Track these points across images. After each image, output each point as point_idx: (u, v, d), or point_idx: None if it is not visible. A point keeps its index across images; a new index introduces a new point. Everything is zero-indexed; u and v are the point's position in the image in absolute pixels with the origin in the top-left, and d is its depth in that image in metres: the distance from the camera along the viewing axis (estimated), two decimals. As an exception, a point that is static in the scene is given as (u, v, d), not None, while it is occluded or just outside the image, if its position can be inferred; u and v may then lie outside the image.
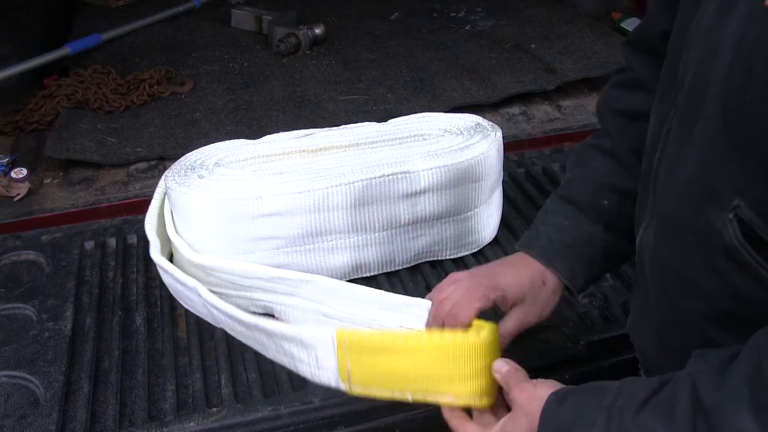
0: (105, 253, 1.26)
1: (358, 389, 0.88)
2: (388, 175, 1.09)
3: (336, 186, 1.07)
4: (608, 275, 1.16)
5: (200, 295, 1.05)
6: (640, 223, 0.79)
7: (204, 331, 1.10)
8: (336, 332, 0.86)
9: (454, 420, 0.83)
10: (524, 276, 0.90)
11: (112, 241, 1.29)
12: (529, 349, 1.00)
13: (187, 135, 1.59)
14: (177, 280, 1.09)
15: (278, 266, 1.09)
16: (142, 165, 1.51)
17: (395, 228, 1.15)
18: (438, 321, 0.89)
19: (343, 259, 1.14)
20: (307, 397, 0.97)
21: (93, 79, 1.76)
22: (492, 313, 0.91)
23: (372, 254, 1.16)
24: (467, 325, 0.87)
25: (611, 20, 2.19)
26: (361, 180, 1.08)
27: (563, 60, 1.87)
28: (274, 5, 2.22)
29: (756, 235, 0.61)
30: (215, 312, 1.04)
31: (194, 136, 1.58)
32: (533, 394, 0.75)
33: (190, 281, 1.06)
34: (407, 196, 1.12)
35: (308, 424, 0.95)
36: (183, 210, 1.10)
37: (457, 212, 1.17)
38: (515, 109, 1.71)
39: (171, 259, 1.16)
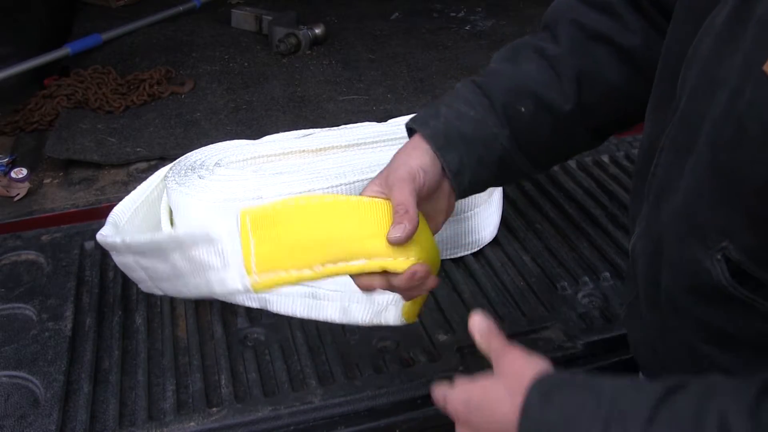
0: (105, 253, 1.25)
1: (263, 279, 0.80)
2: None
3: (337, 186, 1.07)
4: (608, 274, 1.17)
5: (128, 246, 0.98)
6: (633, 226, 0.77)
7: (204, 331, 1.10)
8: (239, 212, 0.81)
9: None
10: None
11: (112, 241, 1.28)
12: (528, 349, 1.00)
13: (187, 135, 1.59)
14: (111, 247, 1.03)
15: None
16: (142, 165, 1.51)
17: None
18: None
19: None
20: (307, 397, 0.97)
21: (93, 79, 1.76)
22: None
23: None
24: None
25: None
26: (362, 180, 1.08)
27: (563, 60, 1.87)
28: (274, 5, 2.22)
29: (745, 272, 0.59)
30: (141, 261, 0.98)
31: (194, 136, 1.58)
32: (524, 371, 0.66)
33: (118, 238, 1.00)
34: None
35: (308, 424, 0.95)
36: (183, 211, 1.10)
37: (457, 212, 1.17)
38: (515, 109, 1.71)
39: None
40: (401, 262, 0.77)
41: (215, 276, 0.83)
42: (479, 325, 0.73)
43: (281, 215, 0.80)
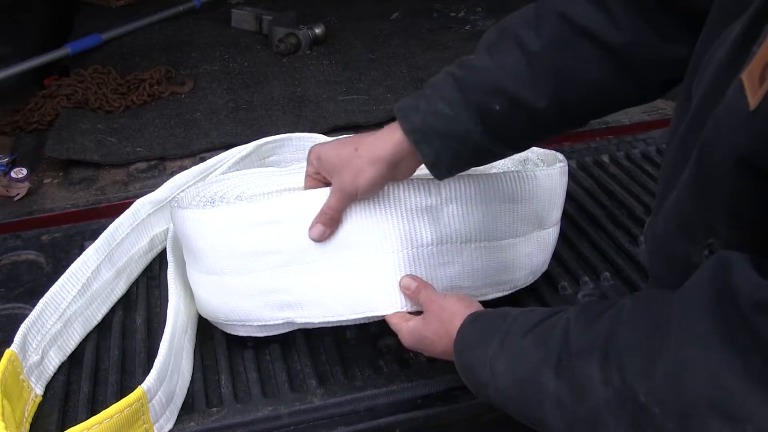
0: (105, 253, 1.26)
1: None
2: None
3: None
4: (608, 274, 1.17)
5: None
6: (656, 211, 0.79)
7: (204, 331, 1.10)
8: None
9: None
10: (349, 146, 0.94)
11: (112, 241, 1.28)
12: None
13: (187, 135, 1.59)
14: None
15: (284, 286, 0.98)
16: (142, 165, 1.51)
17: (417, 248, 0.97)
18: None
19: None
20: (307, 397, 0.97)
21: (93, 79, 1.76)
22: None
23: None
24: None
25: (611, 20, 2.18)
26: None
27: (563, 60, 1.87)
28: (274, 5, 2.22)
29: None
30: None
31: (194, 136, 1.58)
32: (442, 305, 0.89)
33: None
34: (428, 207, 0.97)
35: (308, 424, 0.95)
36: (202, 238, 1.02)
37: (489, 237, 1.01)
38: (515, 109, 1.71)
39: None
40: None
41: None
42: (409, 285, 0.94)
43: None
